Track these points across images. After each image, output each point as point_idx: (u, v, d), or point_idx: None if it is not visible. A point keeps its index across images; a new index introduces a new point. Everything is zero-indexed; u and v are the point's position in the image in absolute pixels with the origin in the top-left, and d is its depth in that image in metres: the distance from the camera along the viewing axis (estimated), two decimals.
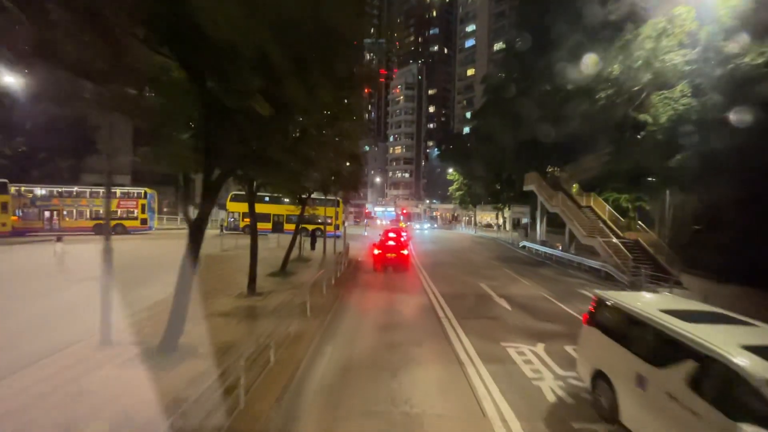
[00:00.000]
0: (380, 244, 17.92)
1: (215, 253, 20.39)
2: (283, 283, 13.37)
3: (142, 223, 31.18)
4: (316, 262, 18.81)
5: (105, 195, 8.13)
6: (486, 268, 19.38)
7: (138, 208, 31.22)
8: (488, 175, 43.75)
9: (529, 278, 16.65)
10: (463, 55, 70.00)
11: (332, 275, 14.05)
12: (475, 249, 29.10)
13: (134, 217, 31.17)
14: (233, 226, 34.24)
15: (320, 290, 11.94)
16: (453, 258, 23.03)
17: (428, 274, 16.53)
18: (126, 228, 30.59)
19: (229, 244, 22.95)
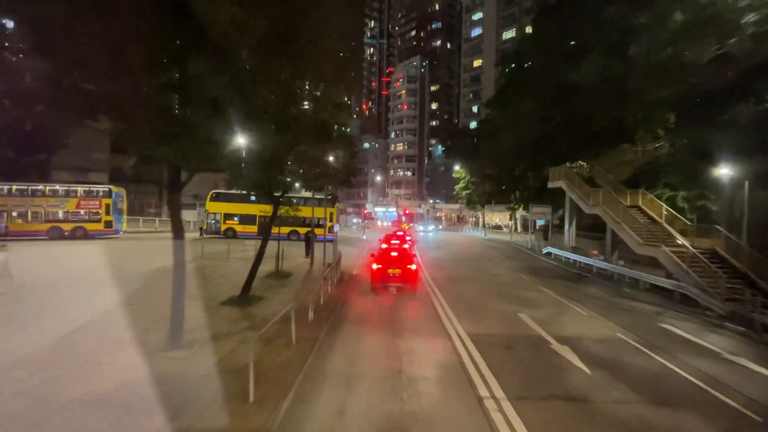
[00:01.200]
0: (380, 256, 13.70)
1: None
2: (236, 321, 9.12)
3: (106, 226, 27.03)
4: (297, 278, 14.60)
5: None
6: (516, 285, 15.13)
7: (102, 209, 27.05)
8: (500, 171, 39.52)
9: (580, 303, 12.39)
10: (469, 45, 65.76)
11: (314, 302, 9.84)
12: (491, 256, 24.85)
13: (97, 219, 27.01)
14: (214, 229, 30.08)
15: (289, 333, 7.72)
16: (469, 269, 18.77)
17: (444, 298, 12.29)
18: (87, 231, 26.44)
19: (195, 252, 18.73)
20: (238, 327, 8.47)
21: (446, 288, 13.91)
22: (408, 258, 13.43)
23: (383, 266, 12.82)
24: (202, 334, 7.75)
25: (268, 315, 9.16)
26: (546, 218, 30.18)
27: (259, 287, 12.41)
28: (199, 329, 7.95)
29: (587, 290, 14.76)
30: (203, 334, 7.76)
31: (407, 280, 12.78)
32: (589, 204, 19.78)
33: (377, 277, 12.82)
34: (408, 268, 12.81)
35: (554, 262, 22.34)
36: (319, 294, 10.95)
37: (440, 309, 10.95)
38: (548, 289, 14.47)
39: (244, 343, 7.29)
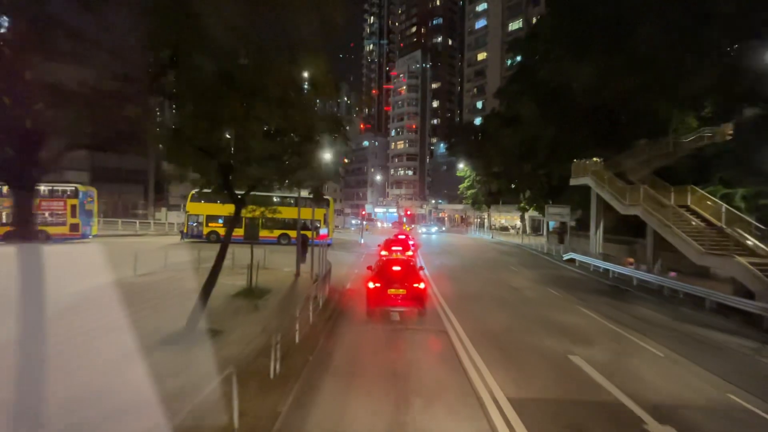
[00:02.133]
0: (378, 270, 10.64)
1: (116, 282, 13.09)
2: (165, 376, 6.10)
3: (72, 230, 24.07)
4: (275, 298, 11.60)
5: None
6: (547, 304, 12.12)
7: (67, 210, 24.08)
8: (509, 169, 36.51)
9: (642, 334, 9.37)
10: (473, 38, 62.79)
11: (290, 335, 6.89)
12: (505, 263, 21.85)
13: (62, 222, 24.04)
14: (196, 233, 27.07)
15: (230, 407, 4.70)
16: (484, 281, 15.77)
17: (462, 327, 9.28)
18: (49, 236, 23.46)
19: (162, 261, 15.74)
20: (163, 388, 5.45)
21: (462, 310, 10.89)
22: (413, 273, 10.39)
23: (382, 285, 9.80)
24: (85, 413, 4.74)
25: (218, 363, 6.21)
26: (563, 219, 27.18)
27: (222, 312, 9.48)
28: (83, 406, 4.94)
29: (638, 311, 11.75)
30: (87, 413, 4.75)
31: (413, 303, 9.76)
32: (625, 203, 16.77)
33: (375, 299, 9.80)
34: (415, 287, 9.79)
35: (580, 271, 19.33)
36: (301, 322, 7.97)
37: (460, 347, 7.94)
38: (589, 310, 11.46)
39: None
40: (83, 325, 8.62)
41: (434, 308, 10.98)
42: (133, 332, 8.17)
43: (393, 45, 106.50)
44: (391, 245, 18.12)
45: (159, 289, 11.90)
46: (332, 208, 29.49)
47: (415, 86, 73.10)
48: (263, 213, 12.81)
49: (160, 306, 10.03)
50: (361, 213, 42.20)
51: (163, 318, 8.92)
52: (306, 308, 9.12)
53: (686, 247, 13.33)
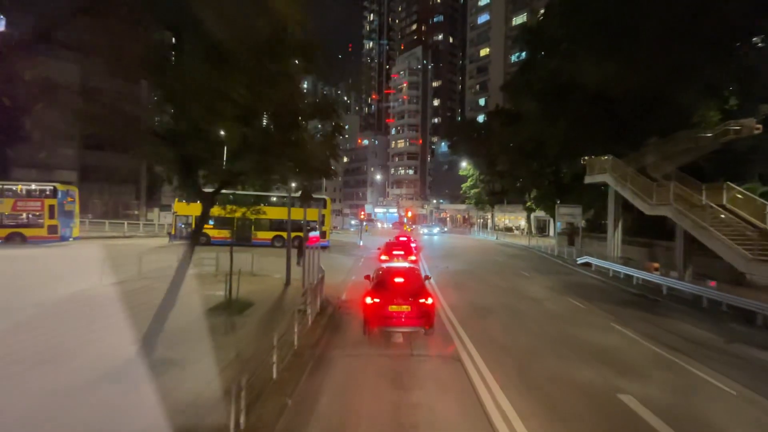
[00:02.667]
0: (378, 281, 8.96)
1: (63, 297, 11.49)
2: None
3: (50, 232, 22.46)
4: (257, 313, 9.96)
5: None
6: (575, 320, 10.47)
7: (44, 211, 22.48)
8: (516, 166, 34.90)
9: (697, 361, 7.73)
10: (476, 33, 61.11)
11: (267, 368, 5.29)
12: (515, 267, 20.21)
13: (39, 223, 22.45)
14: (184, 235, 25.49)
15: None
16: (496, 290, 14.13)
17: (479, 352, 7.63)
18: (26, 238, 21.91)
19: (140, 268, 14.10)
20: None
21: (475, 327, 9.24)
22: (419, 285, 8.72)
23: (382, 300, 8.15)
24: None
25: (164, 413, 4.61)
26: (574, 220, 25.54)
27: (190, 333, 7.88)
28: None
29: (681, 329, 10.11)
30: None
31: (420, 322, 8.10)
32: (651, 202, 15.12)
33: (373, 317, 8.14)
34: (421, 302, 8.14)
35: (598, 277, 17.67)
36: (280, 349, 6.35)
37: (480, 383, 6.29)
38: (624, 327, 9.82)
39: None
40: (24, 349, 7.07)
41: (442, 325, 9.33)
42: (73, 361, 6.62)
43: (393, 43, 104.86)
44: (392, 249, 16.48)
45: (125, 301, 10.25)
46: (329, 208, 27.88)
47: (416, 83, 71.48)
48: (245, 214, 11.14)
49: (119, 324, 8.39)
50: (360, 213, 40.53)
51: (117, 341, 7.30)
52: (291, 328, 7.52)
53: (730, 253, 11.69)
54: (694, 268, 14.45)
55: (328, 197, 29.37)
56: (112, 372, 6.08)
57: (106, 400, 5.35)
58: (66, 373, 6.08)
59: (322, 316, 9.91)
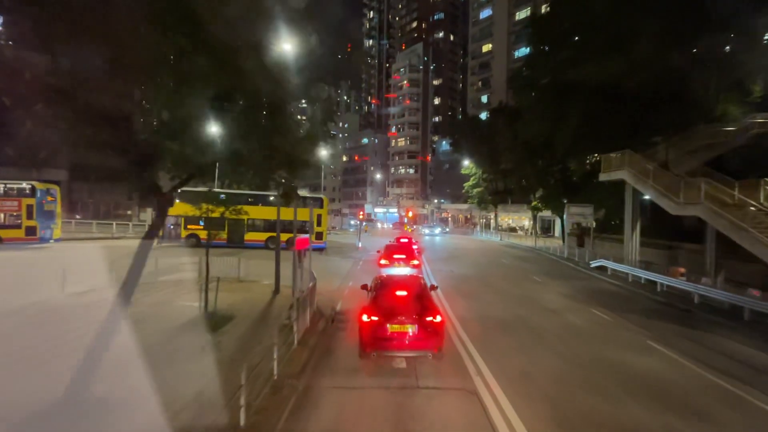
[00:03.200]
0: (377, 294, 7.44)
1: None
2: None
3: (28, 233, 21.12)
4: (236, 330, 8.56)
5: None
6: (606, 338, 9.07)
7: (22, 211, 21.12)
8: (521, 164, 33.51)
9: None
10: (478, 29, 59.67)
11: (234, 411, 3.91)
12: (525, 271, 18.82)
13: (16, 224, 21.09)
14: (173, 236, 24.13)
15: None
16: (510, 300, 12.73)
17: (499, 383, 6.23)
18: (1, 240, 20.55)
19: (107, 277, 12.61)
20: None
21: (491, 348, 7.84)
22: (425, 299, 7.27)
23: (382, 317, 6.75)
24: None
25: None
26: (586, 220, 24.14)
27: (149, 358, 6.43)
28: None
29: (727, 347, 8.71)
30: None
31: (426, 345, 6.69)
32: (678, 201, 13.71)
33: (371, 339, 6.71)
34: (428, 321, 6.74)
35: (617, 282, 16.27)
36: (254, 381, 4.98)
37: (502, 426, 4.92)
38: (664, 347, 8.42)
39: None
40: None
41: (452, 345, 7.94)
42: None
43: (393, 40, 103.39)
44: (393, 253, 15.07)
45: (80, 317, 8.87)
46: (326, 207, 26.53)
47: (417, 81, 70.05)
48: (224, 214, 9.76)
49: (66, 348, 7.01)
50: (359, 213, 39.11)
51: (55, 371, 5.92)
52: (274, 350, 6.14)
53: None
54: (727, 273, 13.07)
55: (325, 196, 27.98)
56: (21, 427, 4.68)
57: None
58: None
59: (311, 333, 8.53)
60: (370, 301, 7.31)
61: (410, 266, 14.31)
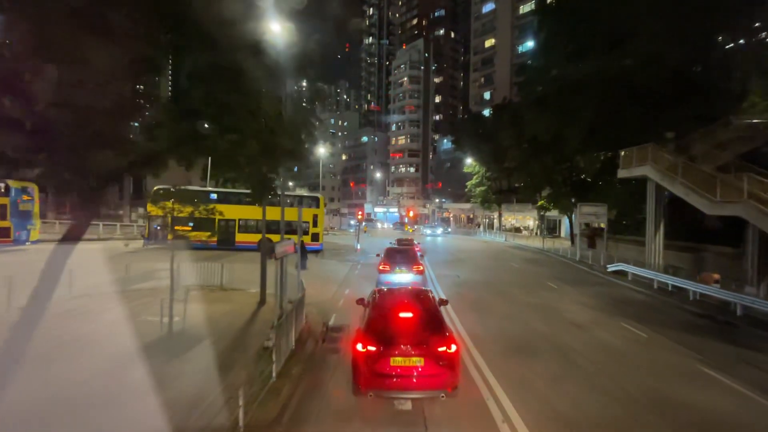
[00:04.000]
0: (376, 315, 5.91)
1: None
2: None
3: (1, 235, 19.63)
4: (204, 355, 7.06)
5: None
6: (652, 364, 7.58)
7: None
8: (528, 162, 32.02)
9: None
10: (480, 23, 58.14)
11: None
12: (538, 276, 17.35)
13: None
14: (159, 237, 22.59)
15: None
16: (528, 312, 11.24)
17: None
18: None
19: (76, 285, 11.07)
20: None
21: (518, 382, 6.35)
22: (435, 321, 5.74)
23: (381, 347, 5.26)
24: None
25: None
26: (599, 220, 22.68)
27: (84, 399, 4.98)
28: None
29: None
30: None
31: (437, 382, 5.17)
32: (714, 199, 12.22)
33: (368, 375, 5.20)
34: (440, 352, 5.26)
35: (640, 289, 14.79)
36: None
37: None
38: (721, 374, 6.95)
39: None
40: None
41: (467, 374, 6.46)
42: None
43: (393, 37, 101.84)
44: (394, 257, 13.49)
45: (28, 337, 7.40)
46: (322, 207, 25.05)
47: (417, 77, 68.53)
48: (193, 213, 8.28)
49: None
50: (357, 213, 37.56)
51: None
52: (250, 383, 4.67)
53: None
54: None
55: (322, 196, 26.50)
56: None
57: None
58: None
59: (296, 359, 7.05)
60: (366, 323, 5.77)
61: (413, 272, 12.78)
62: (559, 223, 42.09)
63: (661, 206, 16.13)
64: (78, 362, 6.32)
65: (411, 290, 7.16)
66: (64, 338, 7.49)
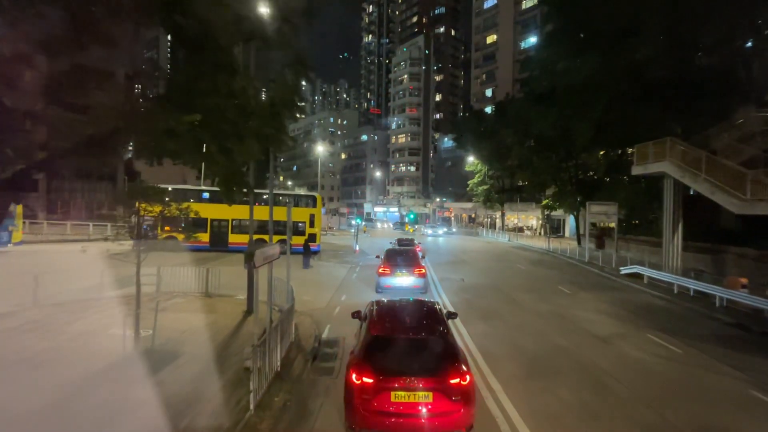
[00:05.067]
0: (373, 342, 4.77)
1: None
2: None
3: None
4: (176, 375, 6.02)
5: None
6: (691, 386, 6.53)
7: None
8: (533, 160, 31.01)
9: None
10: (482, 19, 57.06)
11: None
12: (548, 280, 16.33)
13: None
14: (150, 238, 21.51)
15: None
16: (543, 322, 10.22)
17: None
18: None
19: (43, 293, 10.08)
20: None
21: (550, 422, 5.31)
22: (446, 347, 4.65)
23: (380, 378, 4.26)
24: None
25: None
26: (610, 220, 21.66)
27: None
28: None
29: None
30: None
31: (449, 423, 4.17)
32: (744, 198, 11.18)
33: (364, 413, 4.19)
34: (451, 384, 4.23)
35: (659, 294, 13.74)
36: None
37: None
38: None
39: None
40: None
41: (483, 406, 5.41)
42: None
43: (393, 35, 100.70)
44: (395, 260, 12.50)
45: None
46: (319, 207, 24.04)
47: (418, 75, 67.45)
48: (164, 212, 7.25)
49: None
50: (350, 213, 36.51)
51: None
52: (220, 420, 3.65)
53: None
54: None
55: (319, 195, 25.48)
56: None
57: None
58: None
59: (281, 384, 6.00)
60: (361, 346, 4.79)
61: (415, 275, 11.91)
62: (563, 222, 41.08)
63: (679, 205, 15.10)
64: (12, 391, 5.26)
65: (416, 303, 6.13)
66: (11, 358, 6.46)
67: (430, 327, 5.02)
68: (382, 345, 4.66)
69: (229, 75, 4.19)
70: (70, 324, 8.47)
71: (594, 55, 18.06)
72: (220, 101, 3.81)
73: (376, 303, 5.89)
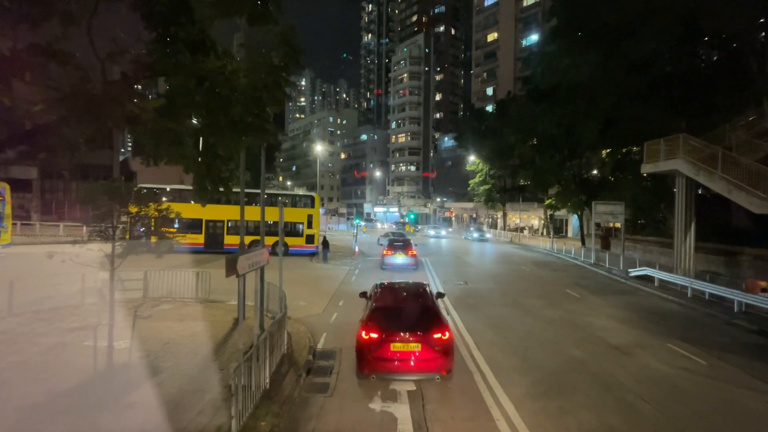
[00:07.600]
0: (376, 309, 6.37)
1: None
2: None
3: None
4: (155, 394, 5.36)
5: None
6: (727, 411, 5.93)
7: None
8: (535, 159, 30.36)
9: None
10: (482, 17, 56.40)
11: None
12: (555, 283, 15.69)
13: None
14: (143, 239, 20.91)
15: None
16: (554, 330, 9.58)
17: None
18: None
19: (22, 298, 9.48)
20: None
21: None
22: (430, 312, 6.36)
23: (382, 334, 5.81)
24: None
25: None
26: (616, 220, 21.02)
27: None
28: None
29: None
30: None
31: (434, 365, 5.80)
32: (765, 197, 10.55)
33: (370, 360, 5.83)
34: (435, 338, 5.82)
35: (673, 298, 13.09)
36: None
37: None
38: None
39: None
40: None
41: (493, 426, 4.78)
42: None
43: (393, 34, 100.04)
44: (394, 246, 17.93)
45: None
46: (317, 207, 23.40)
47: (418, 74, 66.80)
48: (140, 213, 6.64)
49: None
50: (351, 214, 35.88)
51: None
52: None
53: None
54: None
55: (317, 195, 24.85)
56: None
57: None
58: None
59: (269, 404, 5.37)
60: (369, 313, 6.33)
61: (408, 255, 17.36)
62: (565, 222, 40.44)
63: (692, 204, 14.47)
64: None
65: (409, 285, 7.71)
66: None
67: (419, 301, 6.67)
68: (383, 312, 6.29)
69: (202, 54, 3.56)
70: (44, 335, 7.85)
71: (601, 49, 17.43)
72: (188, 82, 3.20)
73: (379, 285, 7.55)
